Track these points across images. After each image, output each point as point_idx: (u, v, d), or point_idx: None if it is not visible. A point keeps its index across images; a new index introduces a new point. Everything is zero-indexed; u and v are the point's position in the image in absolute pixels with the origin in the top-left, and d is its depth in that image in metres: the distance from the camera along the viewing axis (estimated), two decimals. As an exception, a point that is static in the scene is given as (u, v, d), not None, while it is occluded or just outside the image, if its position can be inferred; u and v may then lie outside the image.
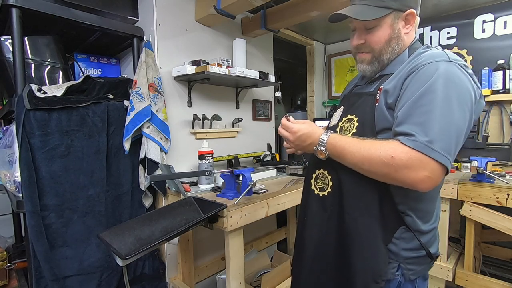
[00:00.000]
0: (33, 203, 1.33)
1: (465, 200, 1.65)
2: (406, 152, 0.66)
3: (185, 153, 1.90)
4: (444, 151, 0.65)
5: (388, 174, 0.69)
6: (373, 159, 0.70)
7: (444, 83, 0.68)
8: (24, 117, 1.30)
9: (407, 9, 0.80)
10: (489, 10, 2.23)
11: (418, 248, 0.80)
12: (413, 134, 0.67)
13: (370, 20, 0.79)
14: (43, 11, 1.38)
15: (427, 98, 0.68)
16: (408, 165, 0.65)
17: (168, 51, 1.80)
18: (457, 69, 0.71)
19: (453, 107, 0.67)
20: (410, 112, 0.69)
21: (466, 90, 0.70)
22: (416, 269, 0.81)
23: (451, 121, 0.67)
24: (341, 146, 0.76)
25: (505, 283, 1.60)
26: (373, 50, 0.83)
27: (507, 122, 2.19)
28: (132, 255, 1.01)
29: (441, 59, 0.72)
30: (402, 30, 0.81)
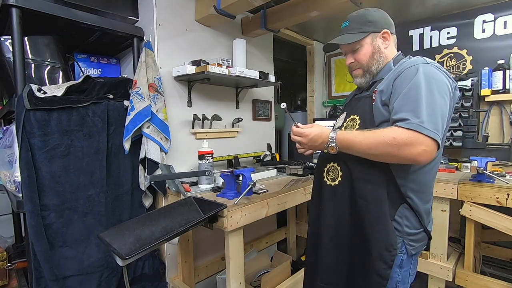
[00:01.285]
0: (33, 203, 1.33)
1: (465, 200, 1.65)
2: (405, 132, 0.81)
3: (185, 153, 1.90)
4: (434, 128, 0.80)
5: (392, 153, 0.83)
6: (379, 143, 0.84)
7: (425, 79, 0.86)
8: (24, 117, 1.30)
9: (381, 30, 1.02)
10: (489, 10, 2.23)
11: (417, 227, 0.97)
12: (407, 118, 0.82)
13: (352, 43, 1.03)
14: (43, 11, 1.38)
15: (414, 91, 0.85)
16: (408, 142, 0.80)
17: (168, 51, 1.80)
18: (434, 68, 0.89)
19: (435, 96, 0.84)
20: (402, 103, 0.86)
21: (443, 82, 0.88)
22: (415, 245, 0.97)
23: (435, 106, 0.83)
24: (349, 139, 0.91)
25: (505, 283, 1.60)
26: (362, 65, 1.04)
27: (507, 122, 2.19)
28: (132, 255, 1.01)
29: (420, 62, 0.91)
30: (381, 45, 1.03)
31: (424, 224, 0.98)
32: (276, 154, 2.46)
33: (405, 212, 0.95)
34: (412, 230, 0.96)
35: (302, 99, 3.97)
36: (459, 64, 2.41)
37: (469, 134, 2.05)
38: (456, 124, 2.15)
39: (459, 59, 2.40)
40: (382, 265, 0.93)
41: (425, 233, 0.99)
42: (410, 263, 0.99)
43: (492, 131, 2.25)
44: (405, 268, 0.98)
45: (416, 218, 0.96)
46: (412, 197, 0.95)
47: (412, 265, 1.01)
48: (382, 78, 1.00)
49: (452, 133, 2.17)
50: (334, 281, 1.07)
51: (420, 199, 0.96)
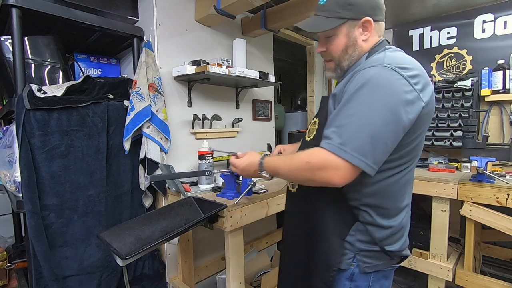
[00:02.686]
0: (33, 203, 1.33)
1: (465, 200, 1.65)
2: (320, 155, 0.72)
3: (185, 153, 1.90)
4: (356, 151, 0.69)
5: (308, 178, 0.75)
6: (293, 169, 0.78)
7: (370, 88, 0.72)
8: (24, 117, 1.30)
9: (362, 17, 0.84)
10: (489, 10, 2.23)
11: (372, 242, 0.84)
12: (331, 137, 0.72)
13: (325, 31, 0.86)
14: (43, 11, 1.38)
15: (351, 102, 0.73)
16: (321, 166, 0.72)
17: (168, 51, 1.80)
18: (389, 72, 0.73)
19: (374, 110, 0.71)
20: (336, 116, 0.75)
21: (393, 93, 0.72)
22: (372, 263, 0.85)
23: (367, 124, 0.70)
24: (274, 166, 0.88)
25: (505, 283, 1.60)
26: (334, 58, 0.90)
27: (507, 122, 2.19)
28: (132, 255, 1.01)
29: (375, 64, 0.76)
30: (359, 37, 0.86)
31: (380, 243, 0.83)
32: (276, 154, 2.46)
33: (359, 226, 0.83)
34: (366, 246, 0.84)
35: (302, 99, 3.97)
36: (459, 64, 2.41)
37: (469, 134, 2.05)
38: (456, 124, 2.15)
39: (459, 59, 2.40)
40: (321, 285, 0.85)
41: (385, 254, 0.85)
42: (368, 280, 0.86)
43: (492, 131, 2.25)
44: (358, 283, 0.85)
45: (371, 235, 0.83)
46: (370, 212, 0.83)
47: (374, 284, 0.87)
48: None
49: (452, 133, 2.17)
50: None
51: (381, 214, 0.83)
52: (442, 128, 2.21)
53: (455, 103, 2.16)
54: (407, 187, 0.88)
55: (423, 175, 1.82)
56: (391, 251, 0.85)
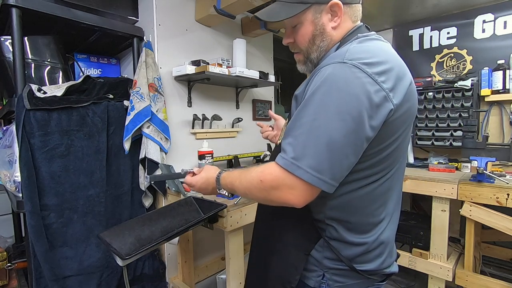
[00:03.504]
0: (33, 203, 1.33)
1: (465, 200, 1.65)
2: (272, 173, 0.63)
3: (185, 153, 1.90)
4: (311, 167, 0.59)
5: (264, 197, 0.67)
6: (249, 189, 0.69)
7: (324, 91, 0.61)
8: (24, 117, 1.30)
9: (329, 0, 0.71)
10: (489, 10, 2.23)
11: (339, 260, 0.73)
12: (286, 150, 0.63)
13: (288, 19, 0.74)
14: (43, 11, 1.38)
15: (307, 108, 0.62)
16: (274, 186, 0.63)
17: (168, 51, 1.80)
18: (348, 70, 0.61)
19: (330, 117, 0.59)
20: (291, 124, 0.64)
21: (352, 95, 0.59)
22: (344, 282, 0.74)
23: (323, 134, 0.59)
24: (230, 183, 0.78)
25: (505, 283, 1.60)
26: (301, 50, 0.79)
27: (507, 122, 2.19)
28: (132, 255, 1.01)
29: (335, 60, 0.63)
30: (327, 25, 0.73)
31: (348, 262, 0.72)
32: (276, 154, 2.46)
33: (326, 242, 0.74)
34: (334, 264, 0.74)
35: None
36: (459, 64, 2.41)
37: (469, 134, 2.05)
38: (456, 124, 2.15)
39: (459, 59, 2.40)
40: None
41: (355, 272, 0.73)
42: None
43: (492, 131, 2.25)
44: None
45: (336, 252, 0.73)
46: (336, 227, 0.72)
47: None
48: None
49: (452, 133, 2.17)
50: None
51: (349, 229, 0.72)
52: (442, 128, 2.21)
53: (455, 103, 2.16)
54: (387, 198, 0.75)
55: (423, 175, 1.82)
56: (364, 270, 0.74)
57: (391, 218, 0.78)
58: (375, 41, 0.71)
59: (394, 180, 0.76)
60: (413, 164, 2.18)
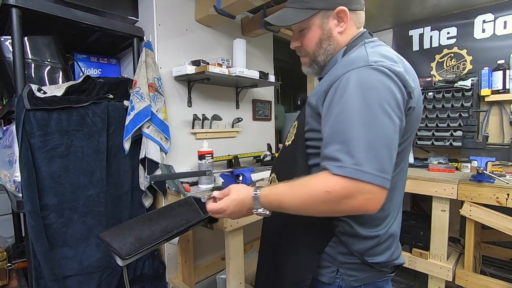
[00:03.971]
0: (33, 203, 1.33)
1: (465, 200, 1.65)
2: (339, 182, 0.60)
3: (185, 153, 1.90)
4: (377, 169, 0.60)
5: (331, 209, 0.64)
6: (310, 202, 0.65)
7: (360, 93, 0.63)
8: (24, 117, 1.30)
9: (336, 6, 0.77)
10: (489, 10, 2.23)
11: (353, 254, 0.76)
12: (339, 158, 0.61)
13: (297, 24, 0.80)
14: (43, 11, 1.38)
15: (346, 113, 0.63)
16: (346, 195, 0.60)
17: (168, 51, 1.80)
18: (376, 72, 0.65)
19: (376, 116, 0.62)
20: (332, 131, 0.65)
21: (389, 92, 0.64)
22: (358, 276, 0.77)
23: (377, 133, 0.61)
24: (276, 200, 0.72)
25: (505, 283, 1.60)
26: (308, 53, 0.84)
27: (507, 122, 2.19)
28: (132, 255, 1.01)
29: (357, 65, 0.67)
30: (334, 29, 0.79)
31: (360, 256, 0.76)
32: (276, 154, 2.46)
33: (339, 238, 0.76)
34: (347, 259, 0.77)
35: (302, 99, 3.97)
36: (459, 64, 2.41)
37: (469, 134, 2.05)
38: (456, 124, 2.15)
39: (459, 59, 2.40)
40: None
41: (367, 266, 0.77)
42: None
43: (492, 131, 2.25)
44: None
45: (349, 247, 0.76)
46: (350, 223, 0.75)
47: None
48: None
49: (452, 133, 2.17)
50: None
51: (362, 223, 0.76)
52: (442, 128, 2.21)
53: (455, 103, 2.16)
54: (393, 194, 0.78)
55: (423, 175, 1.82)
56: (376, 263, 0.77)
57: (397, 213, 0.83)
58: (382, 46, 0.76)
59: (399, 178, 0.80)
60: (413, 164, 2.18)
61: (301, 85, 3.60)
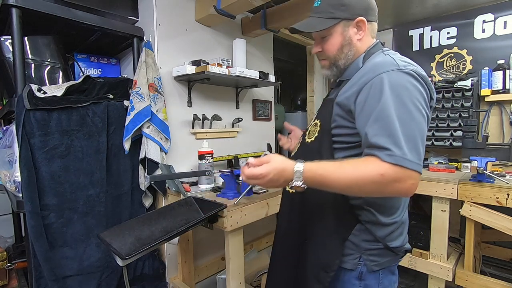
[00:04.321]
0: (33, 203, 1.33)
1: (465, 200, 1.65)
2: (391, 168, 0.70)
3: (185, 153, 1.90)
4: (417, 159, 0.71)
5: (377, 190, 0.73)
6: (361, 181, 0.72)
7: (395, 93, 0.74)
8: (24, 117, 1.30)
9: (356, 17, 0.87)
10: (489, 10, 2.23)
11: (376, 241, 0.86)
12: (388, 148, 0.71)
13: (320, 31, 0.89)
14: (43, 11, 1.38)
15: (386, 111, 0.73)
16: (396, 178, 0.70)
17: (168, 51, 1.80)
18: (406, 75, 0.76)
19: (412, 113, 0.73)
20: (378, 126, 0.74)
21: (419, 92, 0.76)
22: (379, 260, 0.87)
23: (414, 128, 0.73)
24: (321, 176, 0.75)
25: (505, 283, 1.60)
26: (329, 57, 0.92)
27: (507, 122, 2.19)
28: (132, 255, 1.01)
29: (388, 69, 0.77)
30: (353, 37, 0.89)
31: (383, 241, 0.86)
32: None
33: (362, 226, 0.85)
34: (371, 245, 0.86)
35: (302, 99, 3.97)
36: (459, 64, 2.41)
37: (469, 134, 2.05)
38: (456, 124, 2.15)
39: (459, 59, 2.40)
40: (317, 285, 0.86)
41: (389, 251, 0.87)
42: (377, 278, 0.88)
43: (492, 131, 2.25)
44: (367, 282, 0.87)
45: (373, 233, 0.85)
46: (372, 211, 0.85)
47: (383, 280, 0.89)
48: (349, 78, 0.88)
49: (452, 133, 2.17)
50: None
51: (381, 212, 0.85)
52: (442, 128, 2.21)
53: (455, 103, 2.16)
54: None
55: (423, 175, 1.80)
56: (394, 247, 0.88)
57: (406, 203, 0.94)
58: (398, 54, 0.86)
59: None
60: (413, 164, 2.18)
61: (301, 85, 3.60)
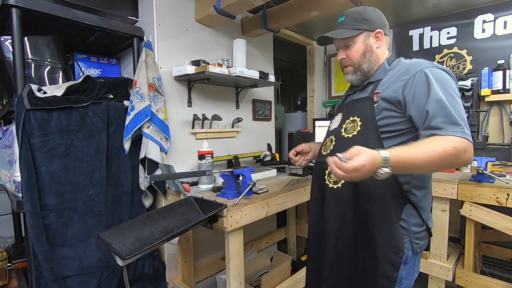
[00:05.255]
0: (33, 203, 1.33)
1: (465, 200, 1.65)
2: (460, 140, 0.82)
3: (185, 153, 1.90)
4: (470, 133, 0.85)
5: (452, 162, 0.84)
6: (442, 155, 0.81)
7: (440, 84, 0.89)
8: (24, 117, 1.30)
9: (375, 29, 1.04)
10: (489, 10, 2.23)
11: (422, 224, 0.99)
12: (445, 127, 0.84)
13: (346, 38, 1.05)
14: (43, 11, 1.38)
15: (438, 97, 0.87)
16: (465, 149, 0.83)
17: (168, 51, 1.80)
18: (442, 71, 0.93)
19: (456, 99, 0.88)
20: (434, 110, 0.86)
21: (455, 83, 0.92)
22: (420, 243, 0.99)
23: (460, 110, 0.87)
24: (406, 159, 0.81)
25: (505, 283, 1.60)
26: (353, 62, 1.06)
27: (507, 122, 2.19)
28: (132, 255, 1.01)
29: (426, 66, 0.93)
30: (373, 45, 1.05)
31: (425, 222, 1.00)
32: (276, 154, 2.46)
33: (410, 210, 0.97)
34: (417, 228, 0.98)
35: (302, 99, 3.97)
36: (459, 64, 2.40)
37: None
38: (456, 124, 2.15)
39: (459, 59, 2.40)
40: (390, 268, 0.95)
41: (427, 231, 1.01)
42: (414, 259, 1.01)
43: (492, 131, 2.25)
44: (409, 264, 0.99)
45: (419, 216, 0.98)
46: (416, 194, 0.97)
47: (417, 261, 1.03)
48: (380, 79, 1.02)
49: (452, 133, 2.17)
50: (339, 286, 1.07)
51: (423, 195, 0.99)
52: (442, 128, 2.21)
53: (455, 103, 2.16)
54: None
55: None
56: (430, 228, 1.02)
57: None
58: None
59: None
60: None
61: (301, 85, 3.60)
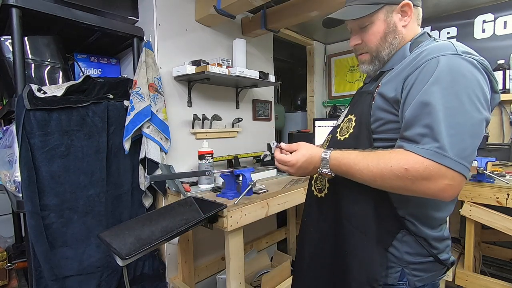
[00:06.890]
0: (33, 203, 1.33)
1: (465, 200, 1.65)
2: (421, 162, 0.60)
3: (185, 153, 1.90)
4: (459, 156, 0.59)
5: (404, 187, 0.64)
6: (385, 174, 0.64)
7: (449, 79, 0.63)
8: (24, 117, 1.30)
9: (401, 1, 0.77)
10: (489, 10, 2.23)
11: (425, 254, 0.76)
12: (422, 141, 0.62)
13: (360, 18, 0.78)
14: (43, 11, 1.38)
15: (432, 97, 0.62)
16: (425, 176, 0.60)
17: (168, 51, 1.80)
18: (465, 61, 0.65)
19: (463, 104, 0.61)
20: (415, 113, 0.64)
21: (478, 84, 0.63)
22: (422, 275, 0.77)
23: (462, 121, 0.61)
24: (346, 164, 0.72)
25: (505, 283, 1.60)
26: (370, 49, 0.81)
27: (507, 122, 2.19)
28: (132, 255, 1.01)
29: (445, 52, 0.66)
30: (398, 23, 0.78)
31: (432, 252, 0.76)
32: (276, 154, 2.46)
33: (405, 237, 0.75)
34: (415, 259, 0.76)
35: (302, 99, 3.97)
36: (459, 64, 2.41)
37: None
38: (456, 124, 2.15)
39: (459, 59, 2.40)
40: None
41: (438, 263, 0.78)
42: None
43: (492, 131, 2.25)
44: None
45: (420, 245, 0.75)
46: (415, 222, 0.74)
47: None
48: (391, 68, 0.78)
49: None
50: None
51: (427, 224, 0.75)
52: (442, 128, 2.21)
53: (455, 103, 2.16)
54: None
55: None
56: (444, 259, 0.79)
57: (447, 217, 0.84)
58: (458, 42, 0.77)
59: None
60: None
61: (301, 85, 3.60)
